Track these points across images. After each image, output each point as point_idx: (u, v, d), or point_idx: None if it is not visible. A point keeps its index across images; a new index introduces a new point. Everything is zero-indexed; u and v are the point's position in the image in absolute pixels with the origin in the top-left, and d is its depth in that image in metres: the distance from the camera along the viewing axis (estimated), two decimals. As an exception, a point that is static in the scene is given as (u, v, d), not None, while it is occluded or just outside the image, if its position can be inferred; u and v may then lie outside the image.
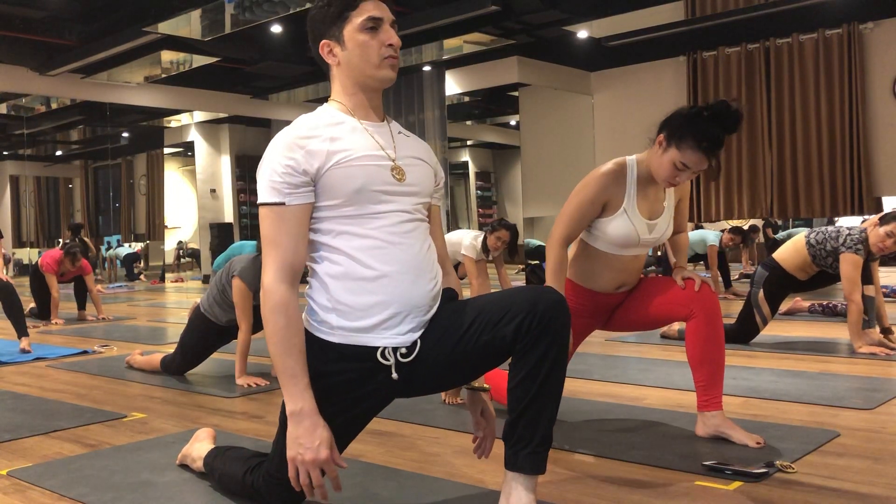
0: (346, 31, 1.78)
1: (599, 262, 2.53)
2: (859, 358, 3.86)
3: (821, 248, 4.07)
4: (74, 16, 8.90)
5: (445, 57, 10.47)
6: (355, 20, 1.77)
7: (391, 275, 1.72)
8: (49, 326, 6.54)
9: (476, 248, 5.82)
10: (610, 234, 2.46)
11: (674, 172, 2.35)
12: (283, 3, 7.81)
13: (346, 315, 1.72)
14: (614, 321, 2.68)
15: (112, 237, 15.59)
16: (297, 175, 1.68)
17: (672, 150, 2.33)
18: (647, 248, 2.55)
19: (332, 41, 1.79)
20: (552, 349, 1.65)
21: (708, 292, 2.44)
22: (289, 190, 1.69)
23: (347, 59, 1.79)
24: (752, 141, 9.52)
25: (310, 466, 1.64)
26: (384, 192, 1.74)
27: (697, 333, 2.42)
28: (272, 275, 1.69)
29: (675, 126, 2.34)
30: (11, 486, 2.26)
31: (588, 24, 9.24)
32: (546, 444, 1.71)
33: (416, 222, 1.80)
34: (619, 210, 2.43)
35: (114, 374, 4.07)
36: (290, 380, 1.66)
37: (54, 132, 14.76)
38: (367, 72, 1.79)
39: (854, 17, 8.76)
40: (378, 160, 1.75)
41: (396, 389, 1.78)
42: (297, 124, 1.76)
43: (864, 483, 2.04)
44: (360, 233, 1.73)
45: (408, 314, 1.73)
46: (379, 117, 1.84)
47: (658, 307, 2.53)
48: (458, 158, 17.81)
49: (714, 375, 2.44)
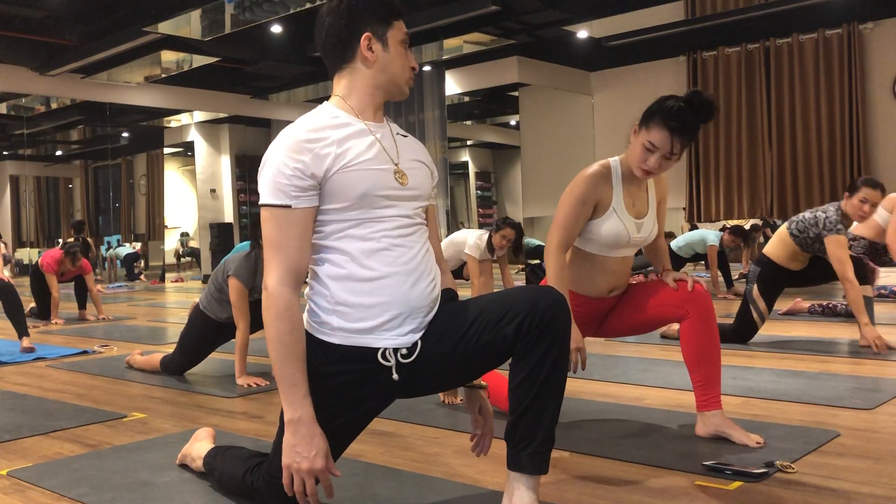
0: (391, 35, 1.79)
1: (591, 266, 2.55)
2: (859, 358, 3.86)
3: (805, 237, 4.10)
4: (74, 16, 8.91)
5: (445, 57, 10.48)
6: (398, 31, 1.80)
7: (392, 276, 1.72)
8: (49, 326, 6.54)
9: (480, 248, 5.81)
10: (602, 235, 2.47)
11: (644, 155, 2.37)
12: (283, 3, 7.81)
13: (346, 316, 1.72)
14: (607, 327, 2.69)
15: (112, 237, 15.60)
16: (304, 178, 1.67)
17: (642, 133, 2.39)
18: (635, 248, 2.58)
19: (376, 38, 1.79)
20: (553, 348, 1.66)
21: (701, 292, 2.44)
22: (296, 193, 1.67)
23: (386, 62, 1.79)
24: (752, 141, 9.52)
25: (304, 475, 1.65)
26: (387, 197, 1.74)
27: (693, 334, 2.43)
28: (276, 279, 1.67)
29: (647, 112, 2.40)
30: (11, 486, 2.26)
31: (588, 24, 9.25)
32: (548, 443, 1.71)
33: (417, 225, 1.81)
34: (609, 210, 2.46)
35: (114, 374, 4.07)
36: (290, 388, 1.65)
37: (54, 132, 14.77)
38: (398, 81, 1.81)
39: (854, 17, 8.76)
40: (382, 164, 1.75)
41: (397, 390, 1.78)
42: (301, 125, 1.74)
43: (864, 483, 2.04)
44: (362, 235, 1.73)
45: (408, 315, 1.73)
46: (380, 119, 1.84)
47: (651, 310, 2.53)
48: (458, 158, 17.82)
49: (711, 375, 2.44)
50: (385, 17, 1.79)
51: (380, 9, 1.79)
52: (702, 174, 9.77)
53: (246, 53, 9.84)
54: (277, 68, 10.49)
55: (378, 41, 1.78)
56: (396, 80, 1.81)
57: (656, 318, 2.54)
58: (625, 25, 9.14)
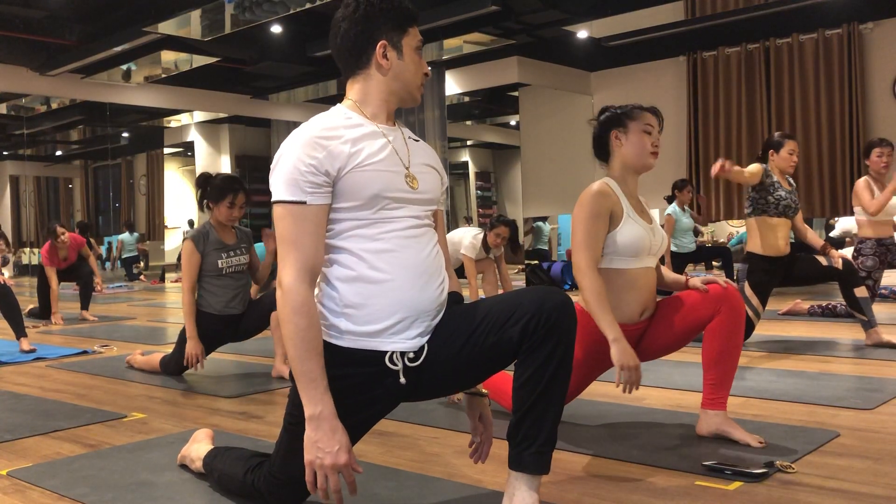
0: (406, 42, 1.79)
1: (620, 285, 2.49)
2: (859, 358, 3.86)
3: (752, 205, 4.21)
4: (74, 16, 8.90)
5: (445, 57, 10.47)
6: (413, 38, 1.80)
7: (400, 279, 1.72)
8: (49, 326, 6.53)
9: (476, 247, 5.80)
10: (625, 243, 2.46)
11: (645, 140, 2.52)
12: (283, 3, 7.81)
13: (355, 319, 1.72)
14: (644, 350, 2.59)
15: (112, 237, 15.60)
16: (319, 174, 1.67)
17: (631, 127, 2.53)
18: (654, 257, 2.56)
19: (391, 45, 1.79)
20: (558, 349, 1.66)
21: (734, 291, 2.42)
22: (311, 189, 1.67)
23: (401, 69, 1.80)
24: (752, 141, 9.52)
25: (328, 471, 1.62)
26: (397, 200, 1.75)
27: (720, 331, 2.40)
28: (293, 275, 1.65)
29: (614, 121, 2.57)
30: (11, 486, 2.26)
31: (588, 24, 9.24)
32: (550, 443, 1.71)
33: (425, 228, 1.81)
34: (624, 216, 2.47)
35: (114, 374, 4.07)
36: (309, 383, 1.63)
37: (54, 132, 14.76)
38: (411, 88, 1.82)
39: (854, 17, 8.75)
40: (394, 166, 1.76)
41: (403, 393, 1.78)
42: (316, 123, 1.74)
43: (864, 483, 2.04)
44: (371, 235, 1.73)
45: (416, 319, 1.74)
46: (392, 124, 1.84)
47: (684, 318, 2.46)
48: (458, 158, 17.81)
49: (726, 375, 2.43)
50: (401, 24, 1.79)
51: (396, 16, 1.79)
52: (702, 174, 9.77)
53: (246, 53, 9.84)
54: (277, 68, 10.49)
55: (393, 49, 1.79)
56: (409, 87, 1.82)
57: (691, 324, 2.46)
58: (625, 25, 9.13)
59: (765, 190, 4.17)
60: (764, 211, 4.17)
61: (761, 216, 4.17)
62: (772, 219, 4.15)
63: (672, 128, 9.84)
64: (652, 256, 2.54)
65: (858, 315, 4.16)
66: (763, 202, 4.17)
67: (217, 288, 3.86)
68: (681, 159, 9.87)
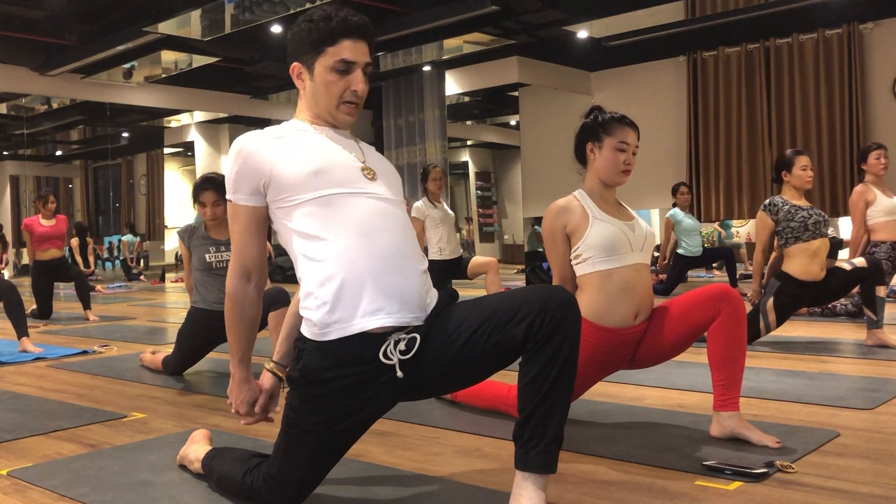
0: (318, 64, 1.82)
1: (608, 287, 2.46)
2: (859, 358, 3.86)
3: (781, 237, 4.11)
4: (74, 16, 8.90)
5: (445, 57, 10.47)
6: (329, 57, 1.80)
7: (370, 265, 1.74)
8: (49, 326, 6.52)
9: (420, 208, 6.00)
10: (596, 243, 2.45)
11: (618, 157, 2.50)
12: (283, 3, 7.81)
13: (336, 309, 1.73)
14: (642, 356, 2.56)
15: (113, 237, 15.59)
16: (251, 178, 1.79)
17: (605, 142, 2.51)
18: (642, 252, 2.52)
19: (304, 67, 1.84)
20: (563, 347, 1.65)
21: (733, 291, 2.41)
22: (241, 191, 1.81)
23: (312, 91, 1.85)
24: (752, 141, 9.52)
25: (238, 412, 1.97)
26: (355, 192, 1.79)
27: (723, 332, 2.38)
28: (230, 270, 1.88)
29: (591, 133, 2.55)
30: (11, 486, 2.26)
31: (588, 24, 9.24)
32: (557, 442, 1.70)
33: (394, 216, 1.83)
34: (589, 221, 2.48)
35: (114, 374, 4.07)
36: (232, 354, 1.94)
37: (54, 132, 14.76)
38: (326, 110, 1.85)
39: (854, 17, 8.75)
40: (348, 161, 1.83)
41: (403, 390, 1.78)
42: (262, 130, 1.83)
43: (864, 483, 2.04)
44: (338, 231, 1.76)
45: (397, 300, 1.75)
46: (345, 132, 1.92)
47: (684, 322, 2.44)
48: (458, 158, 17.80)
49: (734, 375, 2.42)
50: (315, 45, 1.81)
51: (312, 38, 1.80)
52: (702, 174, 9.76)
53: (246, 53, 9.84)
54: (277, 68, 10.48)
55: (306, 70, 1.84)
56: (323, 108, 1.85)
57: (692, 326, 2.43)
58: (625, 25, 9.13)
59: (785, 221, 4.06)
60: (798, 238, 4.05)
61: (796, 244, 4.06)
62: (809, 243, 4.04)
63: (672, 128, 9.83)
64: (637, 253, 2.50)
65: (869, 312, 4.09)
66: (789, 231, 4.06)
67: (208, 283, 3.89)
68: (681, 159, 9.86)
